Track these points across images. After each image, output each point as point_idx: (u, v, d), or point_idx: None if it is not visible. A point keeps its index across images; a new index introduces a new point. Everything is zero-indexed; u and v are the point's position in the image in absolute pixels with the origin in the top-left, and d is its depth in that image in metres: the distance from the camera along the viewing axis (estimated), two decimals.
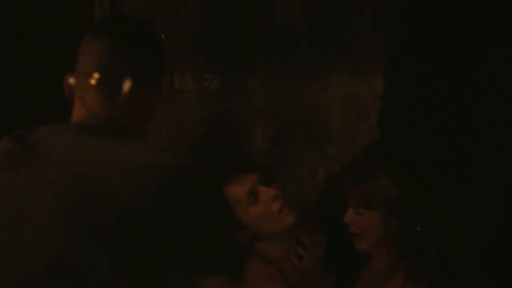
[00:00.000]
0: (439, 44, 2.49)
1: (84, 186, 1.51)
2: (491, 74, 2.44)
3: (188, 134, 2.64)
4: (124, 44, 1.77)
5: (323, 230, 2.30)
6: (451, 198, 2.38)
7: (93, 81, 1.69)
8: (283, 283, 2.20)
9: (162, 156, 1.60)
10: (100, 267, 1.49)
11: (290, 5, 2.62)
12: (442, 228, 2.25)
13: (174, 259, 1.56)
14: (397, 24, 2.52)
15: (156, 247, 1.52)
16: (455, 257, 2.27)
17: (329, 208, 2.54)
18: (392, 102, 2.53)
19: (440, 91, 2.44)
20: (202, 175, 1.63)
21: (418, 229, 2.15)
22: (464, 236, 2.38)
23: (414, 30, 2.52)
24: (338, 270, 2.32)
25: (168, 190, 1.53)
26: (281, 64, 2.63)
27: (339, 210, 2.33)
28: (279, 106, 2.63)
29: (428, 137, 2.49)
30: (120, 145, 1.60)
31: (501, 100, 2.38)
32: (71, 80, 1.73)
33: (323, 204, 2.58)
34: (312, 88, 2.61)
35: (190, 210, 1.55)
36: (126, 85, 1.70)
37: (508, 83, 2.42)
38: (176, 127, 2.64)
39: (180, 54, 2.61)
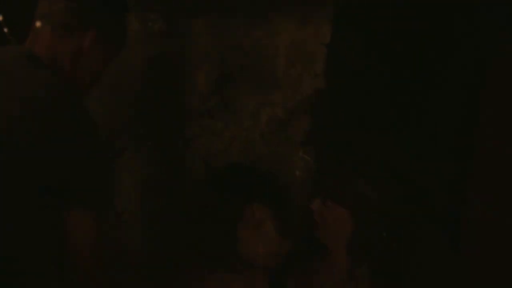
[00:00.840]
0: None
1: None
2: (442, 18, 2.45)
3: (131, 74, 2.58)
4: None
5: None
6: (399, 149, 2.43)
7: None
8: None
9: (44, 90, 1.78)
10: None
11: None
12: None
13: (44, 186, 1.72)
14: None
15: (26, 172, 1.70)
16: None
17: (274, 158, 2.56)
18: (339, 50, 2.52)
19: (389, 39, 2.44)
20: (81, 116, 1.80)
21: (384, 235, 2.12)
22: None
23: None
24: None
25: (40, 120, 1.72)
26: (227, 6, 2.57)
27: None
28: (224, 49, 2.60)
29: (374, 86, 2.51)
30: (15, 72, 1.82)
31: (451, 50, 2.41)
32: None
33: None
34: (258, 33, 2.57)
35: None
36: (50, 26, 1.90)
37: (460, 26, 2.44)
38: (119, 67, 2.57)
39: None
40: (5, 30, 1.90)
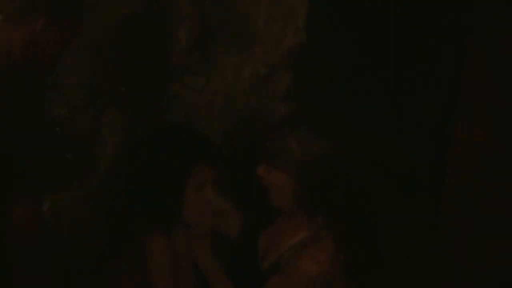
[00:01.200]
0: None
1: None
2: None
3: (112, 32, 2.51)
4: None
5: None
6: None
7: None
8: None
9: None
10: None
11: None
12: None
13: None
14: None
15: None
16: None
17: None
18: (320, 6, 2.56)
19: None
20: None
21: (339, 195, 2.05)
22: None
23: None
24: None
25: None
26: None
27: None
28: (204, 4, 2.57)
29: (355, 42, 2.57)
30: None
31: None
32: None
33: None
34: None
35: None
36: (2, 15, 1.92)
37: None
38: (98, 25, 2.50)
39: None
40: None
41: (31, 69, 1.95)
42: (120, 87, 2.54)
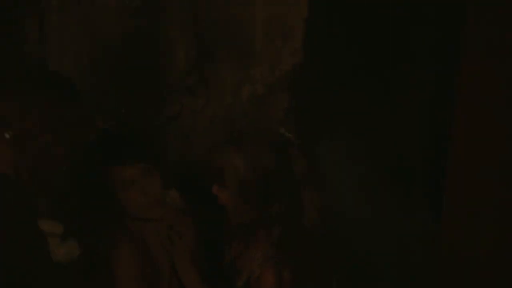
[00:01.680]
0: None
1: None
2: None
3: (109, 50, 2.57)
4: None
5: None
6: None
7: None
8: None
9: None
10: None
11: None
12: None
13: None
14: None
15: None
16: None
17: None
18: (317, 25, 2.52)
19: (365, 15, 2.45)
20: None
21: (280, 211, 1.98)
22: None
23: None
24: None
25: None
26: None
27: None
28: (202, 25, 2.59)
29: (352, 61, 2.51)
30: None
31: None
32: None
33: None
34: (236, 7, 2.56)
35: None
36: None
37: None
38: (96, 44, 2.56)
39: None
40: None
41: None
42: (120, 109, 2.59)
